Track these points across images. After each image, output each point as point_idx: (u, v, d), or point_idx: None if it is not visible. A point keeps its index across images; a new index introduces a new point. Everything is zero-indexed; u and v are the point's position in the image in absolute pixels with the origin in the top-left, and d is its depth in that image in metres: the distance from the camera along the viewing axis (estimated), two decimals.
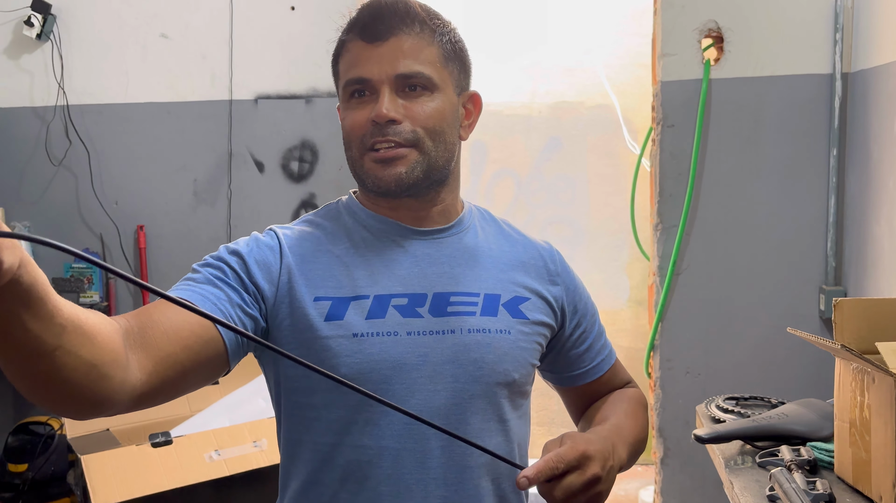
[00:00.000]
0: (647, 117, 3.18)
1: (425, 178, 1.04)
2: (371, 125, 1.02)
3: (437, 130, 1.04)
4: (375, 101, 1.03)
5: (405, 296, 1.04)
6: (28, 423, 2.73)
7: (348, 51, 1.06)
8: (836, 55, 2.36)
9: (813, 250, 2.44)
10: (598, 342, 1.21)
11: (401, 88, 1.03)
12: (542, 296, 1.11)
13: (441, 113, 1.05)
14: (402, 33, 1.03)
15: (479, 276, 1.08)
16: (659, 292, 2.49)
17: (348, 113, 1.06)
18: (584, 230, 3.57)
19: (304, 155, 2.83)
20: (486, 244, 1.12)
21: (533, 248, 1.15)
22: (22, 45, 2.82)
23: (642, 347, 3.01)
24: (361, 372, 1.01)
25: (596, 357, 1.20)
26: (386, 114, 1.01)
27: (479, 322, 1.05)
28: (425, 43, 1.04)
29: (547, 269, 1.14)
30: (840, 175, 2.40)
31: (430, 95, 1.04)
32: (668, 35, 2.43)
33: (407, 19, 1.04)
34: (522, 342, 1.07)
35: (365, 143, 1.03)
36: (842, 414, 1.31)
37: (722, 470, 1.44)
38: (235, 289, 1.00)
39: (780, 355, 2.45)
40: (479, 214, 1.17)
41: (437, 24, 1.07)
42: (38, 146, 2.86)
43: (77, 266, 2.86)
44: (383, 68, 1.02)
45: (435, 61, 1.05)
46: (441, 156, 1.05)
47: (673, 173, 2.46)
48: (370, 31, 1.04)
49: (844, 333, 1.30)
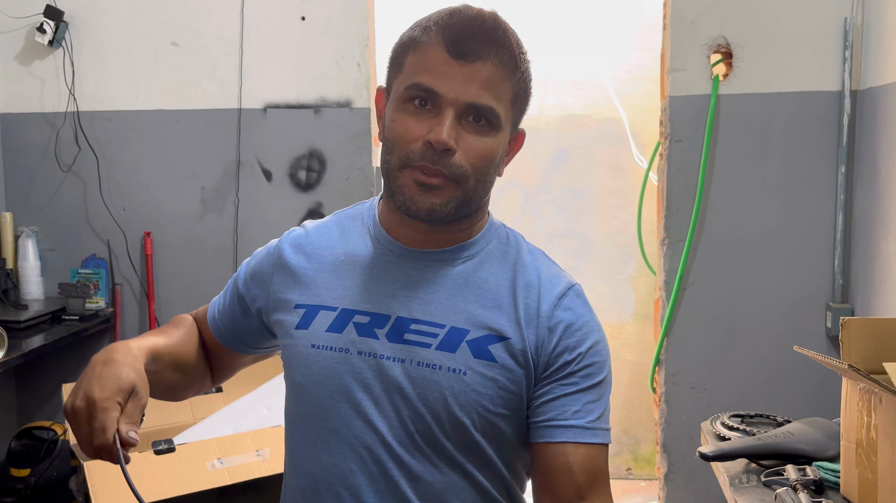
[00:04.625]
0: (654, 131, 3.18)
1: (456, 213, 1.01)
2: (424, 145, 0.97)
3: (484, 171, 1.00)
4: (435, 117, 0.97)
5: (369, 314, 1.03)
6: (31, 428, 2.73)
7: (426, 53, 0.98)
8: (845, 72, 2.36)
9: (820, 267, 2.43)
10: (584, 402, 1.00)
11: (465, 115, 0.97)
12: (522, 337, 1.00)
13: (493, 153, 1.00)
14: (488, 59, 0.97)
15: (453, 308, 1.01)
16: (665, 307, 2.48)
17: (401, 117, 0.99)
18: (590, 243, 3.57)
19: (312, 164, 2.84)
20: (483, 275, 1.04)
21: (535, 280, 1.04)
22: (34, 51, 2.84)
23: (647, 362, 3.00)
24: (312, 384, 1.04)
25: (575, 416, 0.99)
26: (446, 141, 0.95)
27: (431, 356, 0.99)
28: (505, 77, 0.98)
29: (538, 307, 1.02)
30: (848, 192, 2.39)
31: (489, 133, 0.99)
32: (677, 50, 2.43)
33: (499, 46, 0.97)
34: (479, 385, 0.98)
35: (410, 159, 0.98)
36: (848, 434, 1.30)
37: (727, 488, 1.43)
38: (232, 300, 1.19)
39: (786, 372, 2.43)
40: (500, 242, 1.08)
41: (521, 57, 1.01)
42: (47, 152, 2.87)
43: (84, 272, 2.86)
44: (459, 90, 0.96)
45: (507, 99, 1.00)
46: (478, 194, 1.02)
47: (680, 188, 2.45)
48: (459, 48, 0.96)
49: (852, 353, 1.29)
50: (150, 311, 2.86)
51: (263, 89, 2.82)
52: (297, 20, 2.79)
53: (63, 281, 2.83)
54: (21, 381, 2.93)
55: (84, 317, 2.72)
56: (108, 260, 2.89)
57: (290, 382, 1.09)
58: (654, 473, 2.69)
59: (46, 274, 2.88)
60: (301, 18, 2.78)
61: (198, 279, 2.87)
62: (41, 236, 2.89)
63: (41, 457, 2.63)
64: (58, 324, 2.68)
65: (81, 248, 2.90)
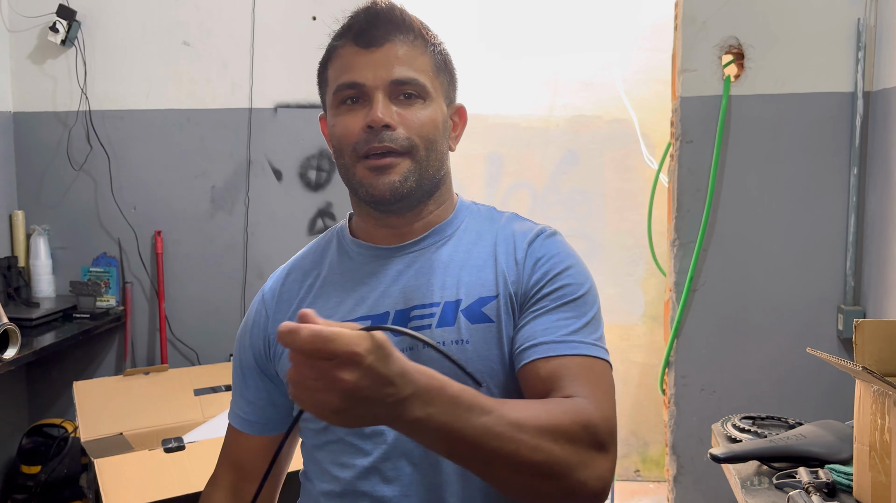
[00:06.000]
0: (664, 132, 3.17)
1: (418, 187, 1.04)
2: (364, 132, 1.01)
3: (430, 139, 1.03)
4: (368, 108, 1.01)
5: (368, 318, 1.04)
6: (42, 425, 2.74)
7: (340, 56, 1.04)
8: (857, 73, 2.34)
9: (832, 269, 2.41)
10: (554, 321, 0.97)
11: (395, 95, 1.02)
12: (507, 288, 1.02)
13: (434, 121, 1.04)
14: (396, 40, 1.02)
15: (443, 284, 1.04)
16: (675, 308, 2.47)
17: (339, 119, 1.04)
18: (599, 244, 3.56)
19: (322, 164, 2.84)
20: (464, 248, 1.07)
21: (510, 236, 1.06)
22: (46, 50, 2.86)
23: (656, 363, 2.99)
24: None
25: (543, 334, 0.96)
26: (381, 118, 0.99)
27: (433, 335, 1.00)
28: (419, 52, 1.04)
29: (515, 257, 1.04)
30: (860, 194, 2.38)
31: (424, 103, 1.03)
32: (688, 51, 2.42)
33: (402, 27, 1.03)
34: (482, 349, 1.00)
35: (358, 151, 1.02)
36: (861, 437, 1.29)
37: (738, 490, 1.43)
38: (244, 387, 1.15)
39: (797, 375, 2.42)
40: (474, 218, 1.11)
41: (429, 34, 1.07)
42: (59, 150, 2.89)
43: (95, 270, 2.88)
44: (378, 73, 1.01)
45: (428, 70, 1.04)
46: (432, 165, 1.05)
47: (691, 189, 2.45)
48: (365, 37, 1.02)
49: (865, 355, 1.28)
50: (161, 310, 2.87)
51: (274, 89, 2.82)
52: (308, 20, 2.79)
53: (74, 279, 2.84)
54: (32, 379, 2.94)
55: (95, 315, 2.73)
56: (118, 258, 2.90)
57: None
58: (663, 475, 2.68)
59: (58, 272, 2.89)
60: (312, 18, 2.79)
61: (208, 278, 2.88)
62: (53, 234, 2.90)
63: (52, 455, 2.64)
64: (69, 322, 2.69)
65: (92, 247, 2.91)
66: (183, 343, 2.90)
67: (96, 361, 2.94)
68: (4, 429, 2.81)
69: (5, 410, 2.84)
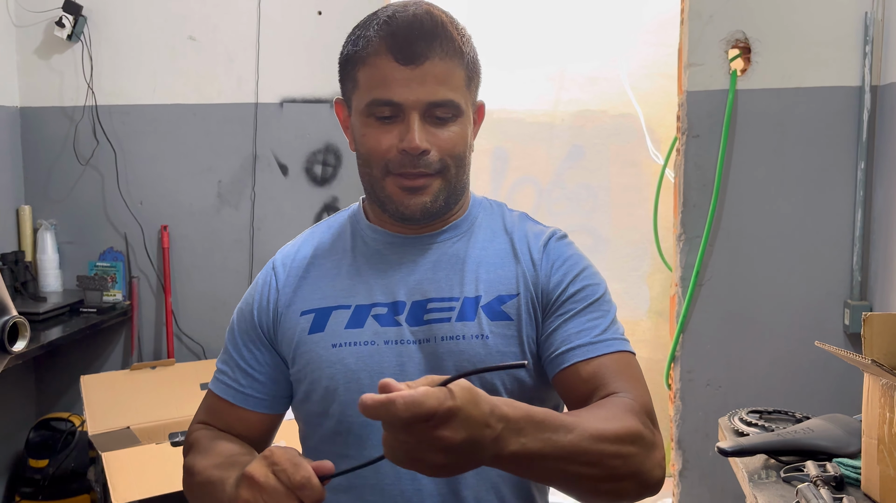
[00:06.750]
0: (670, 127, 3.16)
1: (447, 204, 1.06)
2: (399, 153, 1.00)
3: (460, 157, 1.04)
4: (401, 124, 1.00)
5: (385, 305, 1.05)
6: (50, 419, 2.75)
7: (375, 66, 1.01)
8: (865, 67, 2.34)
9: (838, 264, 2.41)
10: (584, 323, 1.01)
11: (428, 115, 1.01)
12: (528, 288, 1.05)
13: (464, 138, 1.04)
14: (435, 58, 0.99)
15: (462, 280, 1.05)
16: (681, 303, 2.47)
17: (370, 131, 1.02)
18: (605, 239, 3.56)
19: (328, 159, 2.84)
20: (480, 244, 1.08)
21: (524, 236, 1.09)
22: (53, 45, 2.86)
23: (662, 358, 2.99)
24: (341, 382, 1.03)
25: (577, 337, 1.00)
26: (419, 146, 0.99)
27: (454, 328, 1.01)
28: (455, 66, 1.02)
29: (531, 258, 1.07)
30: (867, 188, 2.37)
31: (455, 122, 1.03)
32: (694, 45, 2.42)
33: (442, 41, 1.00)
34: (502, 345, 1.01)
35: (390, 169, 1.02)
36: (870, 430, 1.29)
37: (745, 484, 1.43)
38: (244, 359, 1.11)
39: (803, 369, 2.42)
40: (486, 213, 1.13)
41: (463, 41, 1.03)
42: (66, 145, 2.89)
43: (101, 264, 2.89)
44: (416, 95, 0.99)
45: (462, 86, 1.03)
46: (461, 181, 1.06)
47: (697, 184, 2.44)
48: (405, 53, 0.99)
49: (874, 348, 1.28)
50: (167, 305, 2.88)
51: (280, 84, 2.83)
52: (314, 14, 2.79)
53: (81, 274, 2.85)
54: (39, 373, 2.95)
55: (102, 309, 2.74)
56: (125, 253, 2.91)
57: (314, 391, 1.05)
58: (669, 470, 2.68)
59: (65, 266, 2.90)
60: (317, 13, 2.79)
61: (214, 273, 2.89)
62: (59, 229, 2.91)
63: (59, 448, 2.65)
64: (76, 316, 2.70)
65: (99, 241, 2.92)
66: (189, 337, 2.90)
67: (103, 356, 2.95)
68: (12, 423, 2.82)
69: (13, 404, 2.85)
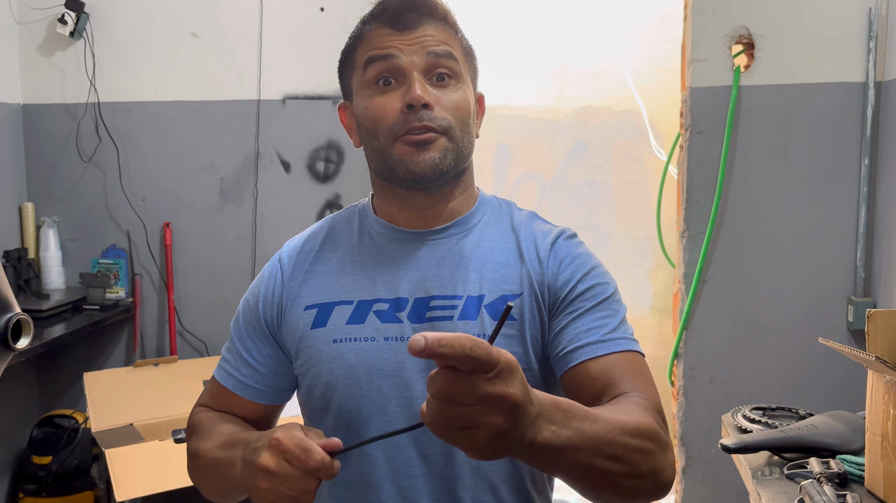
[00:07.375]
0: (673, 123, 3.15)
1: (454, 166, 1.04)
2: (403, 112, 1.00)
3: (464, 120, 1.04)
4: (404, 88, 1.01)
5: (387, 301, 1.04)
6: (53, 416, 2.76)
7: (371, 38, 1.04)
8: (869, 63, 2.33)
9: (842, 260, 2.40)
10: (593, 321, 1.00)
11: (429, 76, 1.02)
12: (532, 288, 1.03)
13: (467, 103, 1.05)
14: (430, 24, 1.03)
15: (466, 278, 1.04)
16: (684, 300, 2.47)
17: (373, 100, 1.03)
18: (608, 236, 3.55)
19: (331, 155, 2.84)
20: (487, 243, 1.07)
21: (531, 235, 1.08)
22: (55, 42, 2.86)
23: (665, 355, 2.99)
24: (340, 377, 1.02)
25: (586, 335, 0.98)
26: (422, 97, 0.99)
27: (455, 327, 1.00)
28: (449, 34, 1.05)
29: (538, 257, 1.05)
30: (871, 185, 2.37)
31: (456, 85, 1.04)
32: (698, 41, 2.41)
33: (436, 12, 1.05)
34: (504, 346, 0.99)
35: (396, 131, 1.01)
36: (874, 427, 1.29)
37: (749, 480, 1.42)
38: (247, 349, 1.10)
39: (806, 366, 2.41)
40: (494, 212, 1.12)
41: (456, 22, 1.08)
42: (68, 142, 2.90)
43: (104, 262, 2.89)
44: (415, 52, 1.01)
45: (459, 53, 1.06)
46: (466, 146, 1.05)
47: (700, 180, 2.44)
48: (401, 21, 1.02)
49: (878, 345, 1.28)
50: (170, 301, 2.88)
51: (282, 80, 2.82)
52: (316, 11, 2.79)
53: (84, 271, 2.85)
54: (43, 370, 2.96)
55: (104, 306, 2.74)
56: (128, 250, 2.91)
57: (315, 385, 1.05)
58: None
59: (67, 264, 2.90)
60: (320, 9, 2.79)
61: (217, 270, 2.89)
62: (62, 226, 2.91)
63: (63, 445, 2.65)
64: (79, 313, 2.71)
65: (102, 239, 2.92)
66: (192, 334, 2.91)
67: (106, 352, 2.96)
68: (15, 419, 2.83)
69: (16, 401, 2.86)
